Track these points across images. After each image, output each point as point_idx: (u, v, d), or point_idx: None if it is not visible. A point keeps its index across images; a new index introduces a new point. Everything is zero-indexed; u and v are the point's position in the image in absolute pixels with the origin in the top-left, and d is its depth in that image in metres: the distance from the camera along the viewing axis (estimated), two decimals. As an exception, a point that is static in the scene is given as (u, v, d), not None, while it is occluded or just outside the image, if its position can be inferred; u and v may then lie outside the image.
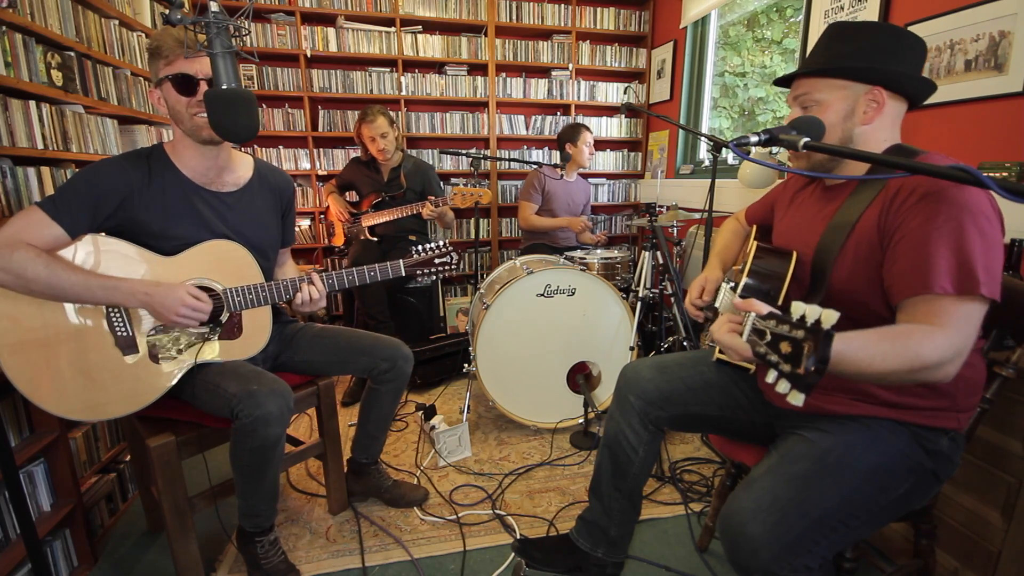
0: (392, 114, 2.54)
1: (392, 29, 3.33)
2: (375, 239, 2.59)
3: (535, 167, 2.92)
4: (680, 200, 3.15)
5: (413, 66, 3.53)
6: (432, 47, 3.44)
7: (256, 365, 1.33)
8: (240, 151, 1.42)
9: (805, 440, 0.94)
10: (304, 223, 3.45)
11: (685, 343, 2.30)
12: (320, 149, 3.41)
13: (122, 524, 1.62)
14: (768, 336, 0.68)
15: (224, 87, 0.93)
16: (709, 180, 1.74)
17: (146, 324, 1.21)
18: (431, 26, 3.46)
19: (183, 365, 1.24)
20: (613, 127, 3.95)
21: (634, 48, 3.89)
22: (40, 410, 1.13)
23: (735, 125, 3.40)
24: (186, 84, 1.16)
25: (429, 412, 2.09)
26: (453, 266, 1.48)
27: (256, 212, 1.37)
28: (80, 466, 1.47)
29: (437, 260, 1.46)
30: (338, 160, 3.44)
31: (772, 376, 0.67)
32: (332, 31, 3.24)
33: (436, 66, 3.57)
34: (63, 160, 1.62)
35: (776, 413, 1.10)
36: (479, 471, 1.86)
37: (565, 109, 3.83)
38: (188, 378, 1.25)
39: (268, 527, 1.34)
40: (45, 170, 1.50)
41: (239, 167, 1.37)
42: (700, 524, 1.57)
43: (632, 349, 2.12)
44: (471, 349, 2.06)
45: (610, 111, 3.95)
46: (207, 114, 1.00)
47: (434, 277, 1.52)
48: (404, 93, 3.44)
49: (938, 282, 0.80)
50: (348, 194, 2.80)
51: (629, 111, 2.56)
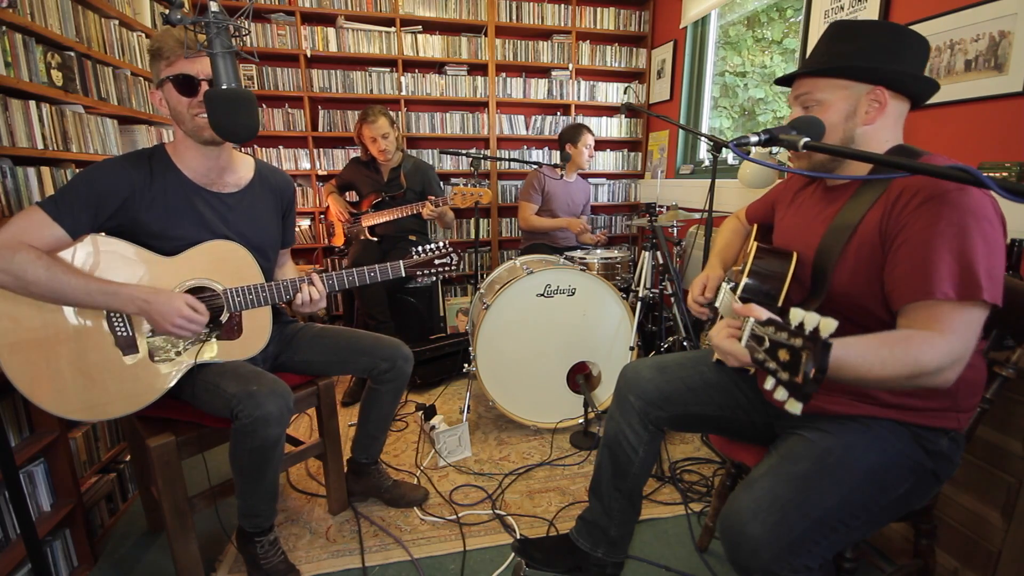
0: (392, 114, 2.54)
1: (392, 29, 3.33)
2: (375, 239, 2.59)
3: (535, 167, 2.92)
4: (680, 200, 3.15)
5: (413, 66, 3.53)
6: (432, 47, 3.44)
7: (256, 365, 1.33)
8: (240, 152, 1.42)
9: (805, 440, 0.94)
10: (304, 223, 3.45)
11: (685, 343, 2.30)
12: (320, 149, 3.41)
13: (122, 524, 1.62)
14: (767, 343, 0.68)
15: (224, 87, 0.93)
16: (709, 180, 1.74)
17: (146, 324, 1.21)
18: (431, 26, 3.46)
19: (183, 365, 1.24)
20: (613, 127, 3.94)
21: (634, 48, 3.89)
22: (40, 410, 1.13)
23: (736, 125, 3.40)
24: (187, 85, 1.16)
25: (429, 412, 2.09)
26: (453, 267, 1.48)
27: (257, 213, 1.38)
28: (80, 466, 1.47)
29: (437, 261, 1.46)
30: (338, 160, 3.44)
31: (770, 383, 0.67)
32: (332, 31, 3.24)
33: (436, 66, 3.57)
34: (63, 160, 1.62)
35: (776, 413, 1.10)
36: (479, 471, 1.86)
37: (565, 109, 3.83)
38: (188, 378, 1.25)
39: (268, 527, 1.34)
40: (45, 170, 1.50)
41: (240, 168, 1.37)
42: (700, 524, 1.57)
43: (632, 349, 2.12)
44: (471, 349, 2.06)
45: (610, 111, 3.95)
46: (207, 114, 1.00)
47: (434, 277, 1.53)
48: (404, 93, 3.44)
49: (940, 287, 0.79)
50: (348, 194, 2.80)
51: (629, 111, 2.56)
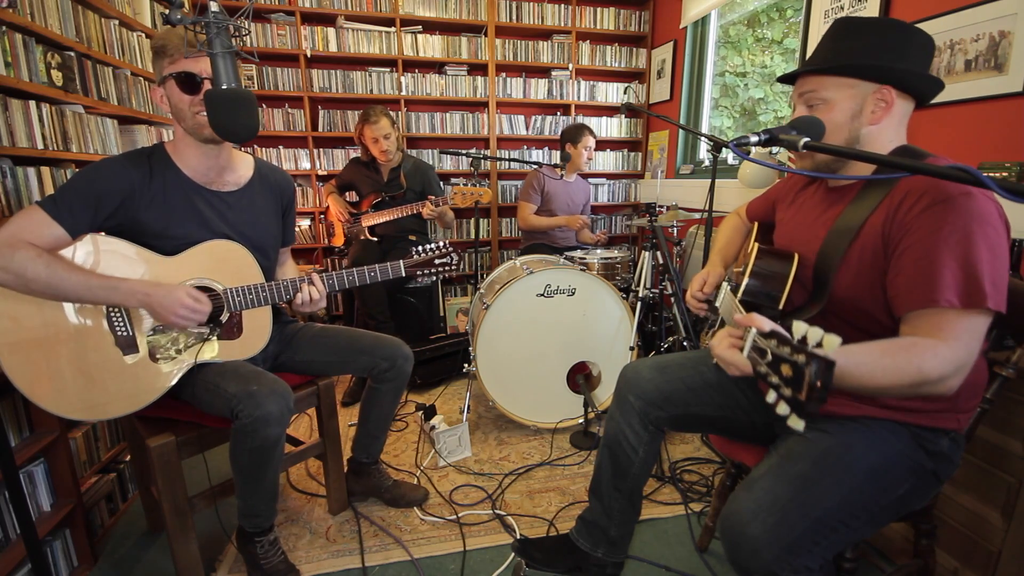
0: (392, 114, 2.54)
1: (392, 29, 3.33)
2: (375, 239, 2.59)
3: (535, 167, 2.92)
4: (680, 200, 3.15)
5: (413, 66, 3.53)
6: (432, 47, 3.44)
7: (256, 365, 1.33)
8: (241, 151, 1.42)
9: (805, 440, 0.93)
10: (304, 223, 3.45)
11: (685, 343, 2.30)
12: (320, 149, 3.41)
13: (122, 524, 1.62)
14: (769, 356, 0.66)
15: (224, 87, 0.93)
16: (709, 180, 1.74)
17: (146, 324, 1.21)
18: (431, 26, 3.46)
19: (183, 365, 1.24)
20: (613, 127, 3.94)
21: (634, 48, 3.89)
22: (40, 410, 1.13)
23: (736, 124, 3.40)
24: (189, 82, 1.16)
25: (429, 412, 2.08)
26: (453, 267, 1.48)
27: (257, 212, 1.38)
28: (80, 466, 1.47)
29: (437, 261, 1.46)
30: (338, 160, 3.44)
31: (772, 396, 0.66)
32: (332, 31, 3.24)
33: (436, 66, 3.57)
34: (63, 160, 1.62)
35: (776, 414, 1.09)
36: (479, 471, 1.86)
37: (565, 109, 3.83)
38: (188, 378, 1.25)
39: (268, 527, 1.34)
40: (45, 170, 1.50)
41: (240, 167, 1.37)
42: (700, 524, 1.57)
43: (632, 349, 2.12)
44: (471, 349, 2.06)
45: (610, 111, 3.95)
46: (207, 114, 1.00)
47: (434, 277, 1.52)
48: (404, 93, 3.44)
49: (944, 295, 0.79)
50: (348, 194, 2.80)
51: (629, 111, 2.56)
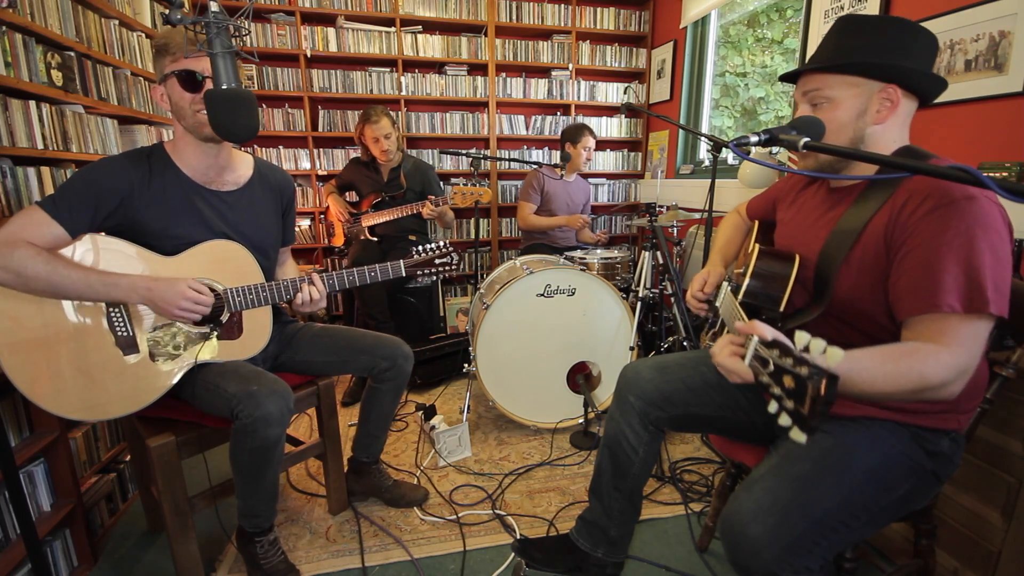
0: (393, 114, 2.54)
1: (392, 29, 3.33)
2: (375, 239, 2.59)
3: (534, 167, 2.92)
4: (680, 200, 3.15)
5: (413, 66, 3.53)
6: (432, 47, 3.44)
7: (256, 365, 1.33)
8: (240, 150, 1.42)
9: None
10: (304, 223, 3.45)
11: (685, 343, 2.30)
12: (320, 149, 3.41)
13: (122, 524, 1.62)
14: (771, 366, 0.65)
15: (224, 87, 0.93)
16: (709, 180, 1.74)
17: (147, 323, 1.21)
18: (431, 26, 3.46)
19: (183, 365, 1.24)
20: (613, 127, 3.94)
21: (634, 48, 3.89)
22: (40, 410, 1.13)
23: (737, 124, 3.40)
24: (191, 80, 1.17)
25: (429, 412, 2.08)
26: (453, 267, 1.48)
27: (257, 211, 1.37)
28: (80, 466, 1.47)
29: (437, 260, 1.46)
30: (338, 160, 3.44)
31: (774, 407, 0.65)
32: (332, 31, 3.24)
33: (436, 66, 3.57)
34: (63, 160, 1.62)
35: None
36: (479, 471, 1.86)
37: (565, 109, 3.83)
38: (188, 378, 1.25)
39: (268, 527, 1.34)
40: (45, 170, 1.50)
41: (240, 166, 1.37)
42: (700, 524, 1.57)
43: (632, 349, 2.12)
44: (471, 349, 2.06)
45: (610, 111, 3.95)
46: (207, 114, 1.00)
47: (434, 277, 1.52)
48: (404, 93, 3.44)
49: (946, 300, 0.78)
50: (348, 194, 2.80)
51: (629, 111, 2.56)
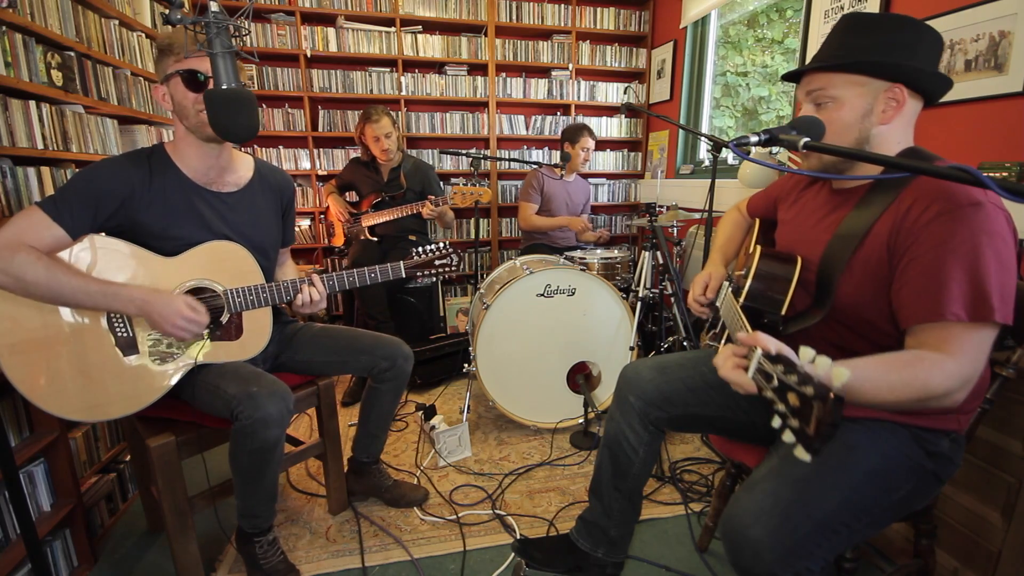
0: (393, 114, 2.54)
1: (392, 29, 3.33)
2: (375, 239, 2.59)
3: (534, 167, 2.92)
4: (680, 200, 3.15)
5: (413, 66, 3.53)
6: (432, 47, 3.44)
7: (256, 365, 1.33)
8: (240, 151, 1.42)
9: None
10: (304, 223, 3.45)
11: (685, 343, 2.30)
12: (320, 149, 3.41)
13: (122, 524, 1.62)
14: (775, 381, 0.64)
15: (224, 87, 0.93)
16: (709, 180, 1.74)
17: (147, 324, 1.20)
18: (431, 26, 3.46)
19: (183, 366, 1.24)
20: (613, 127, 3.94)
21: (634, 48, 3.89)
22: (40, 410, 1.13)
23: (738, 124, 3.40)
24: (195, 80, 1.17)
25: (429, 412, 2.08)
26: (453, 267, 1.48)
27: (257, 212, 1.37)
28: (80, 466, 1.47)
29: (437, 261, 1.46)
30: (338, 160, 3.44)
31: (777, 422, 0.64)
32: (332, 31, 3.24)
33: (436, 66, 3.56)
34: (63, 160, 1.62)
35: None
36: (479, 471, 1.86)
37: (565, 109, 3.83)
38: (188, 379, 1.25)
39: (267, 527, 1.34)
40: (45, 170, 1.50)
41: (240, 167, 1.37)
42: (700, 524, 1.57)
43: (632, 349, 2.12)
44: (471, 349, 2.06)
45: (610, 111, 3.94)
46: (207, 114, 1.00)
47: (434, 278, 1.52)
48: (404, 93, 3.43)
49: (951, 309, 0.78)
50: (348, 194, 2.80)
51: (629, 111, 2.56)
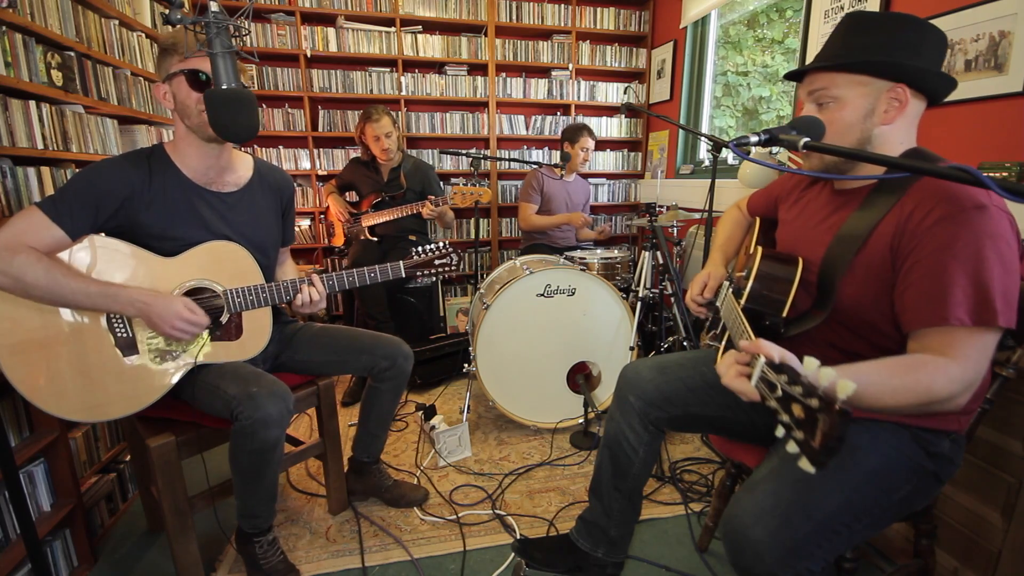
0: (393, 114, 2.54)
1: (392, 29, 3.33)
2: (375, 239, 2.59)
3: (534, 167, 2.92)
4: (680, 200, 3.15)
5: (413, 66, 3.53)
6: (432, 47, 3.44)
7: (256, 365, 1.33)
8: (240, 150, 1.42)
9: None
10: (304, 223, 3.45)
11: (685, 343, 2.30)
12: (320, 149, 3.41)
13: (122, 524, 1.62)
14: (779, 391, 0.63)
15: (224, 87, 0.93)
16: (709, 180, 1.74)
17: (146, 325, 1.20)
18: (431, 26, 3.46)
19: (183, 366, 1.24)
20: (613, 127, 3.94)
21: (634, 48, 3.89)
22: (40, 410, 1.13)
23: (738, 124, 3.40)
24: (199, 80, 1.17)
25: (429, 412, 2.08)
26: (453, 267, 1.48)
27: (257, 212, 1.37)
28: (80, 466, 1.47)
29: (437, 261, 1.46)
30: (338, 160, 3.44)
31: (781, 432, 0.63)
32: (332, 31, 3.24)
33: (436, 66, 3.56)
34: (63, 160, 1.62)
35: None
36: (479, 471, 1.86)
37: (565, 109, 3.83)
38: (188, 379, 1.25)
39: (266, 528, 1.34)
40: (45, 170, 1.50)
41: (239, 167, 1.36)
42: (700, 524, 1.57)
43: (632, 349, 2.12)
44: (471, 349, 2.06)
45: (610, 111, 3.95)
46: (207, 114, 1.00)
47: (434, 278, 1.52)
48: (404, 93, 3.44)
49: (954, 313, 0.78)
50: (348, 194, 2.80)
51: (629, 111, 2.56)
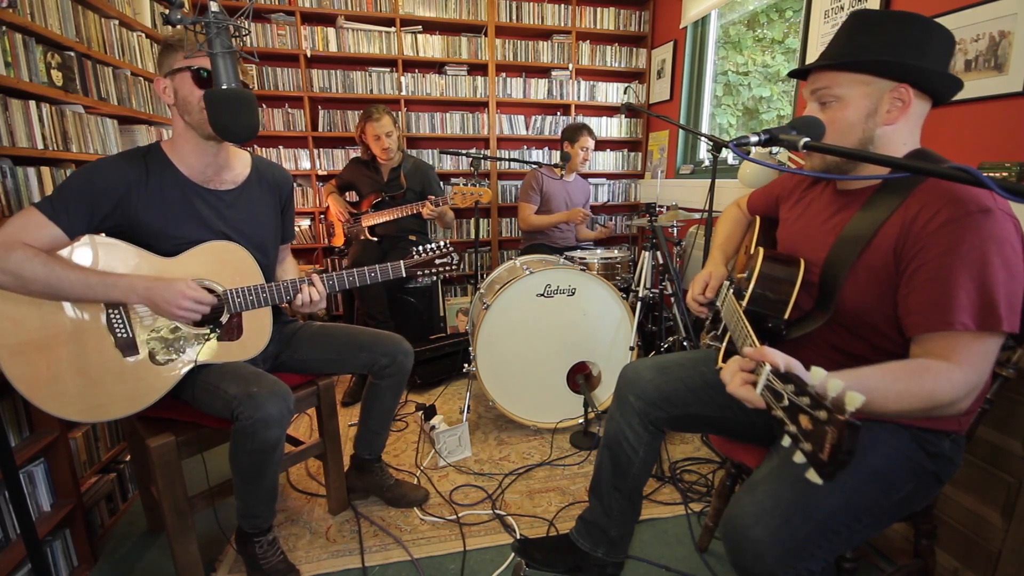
0: (393, 114, 2.54)
1: (392, 29, 3.33)
2: (375, 239, 2.59)
3: (534, 167, 2.92)
4: (680, 200, 3.15)
5: (413, 66, 3.53)
6: (432, 47, 3.44)
7: (256, 365, 1.33)
8: (239, 148, 1.42)
9: None
10: (304, 223, 3.45)
11: (685, 343, 2.30)
12: (320, 149, 3.41)
13: (122, 524, 1.62)
14: (785, 400, 0.62)
15: (224, 87, 0.93)
16: (709, 180, 1.74)
17: (146, 324, 1.20)
18: (431, 26, 3.46)
19: (183, 366, 1.24)
20: (613, 127, 3.94)
21: (634, 48, 3.89)
22: (40, 410, 1.13)
23: (739, 123, 3.40)
24: (204, 78, 1.16)
25: (429, 412, 2.08)
26: (453, 267, 1.48)
27: (255, 209, 1.37)
28: (80, 466, 1.47)
29: (437, 261, 1.46)
30: (338, 160, 3.44)
31: (787, 442, 0.62)
32: (332, 31, 3.24)
33: (436, 66, 3.56)
34: (63, 160, 1.62)
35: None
36: (479, 471, 1.86)
37: (565, 109, 3.83)
38: (188, 379, 1.24)
39: (266, 528, 1.34)
40: (45, 170, 1.50)
41: (237, 164, 1.36)
42: (700, 524, 1.57)
43: (632, 349, 2.12)
44: (471, 349, 2.06)
45: (610, 111, 3.94)
46: (207, 114, 1.00)
47: (434, 277, 1.52)
48: (404, 93, 3.43)
49: (959, 318, 0.78)
50: (348, 194, 2.80)
51: (629, 111, 2.56)
